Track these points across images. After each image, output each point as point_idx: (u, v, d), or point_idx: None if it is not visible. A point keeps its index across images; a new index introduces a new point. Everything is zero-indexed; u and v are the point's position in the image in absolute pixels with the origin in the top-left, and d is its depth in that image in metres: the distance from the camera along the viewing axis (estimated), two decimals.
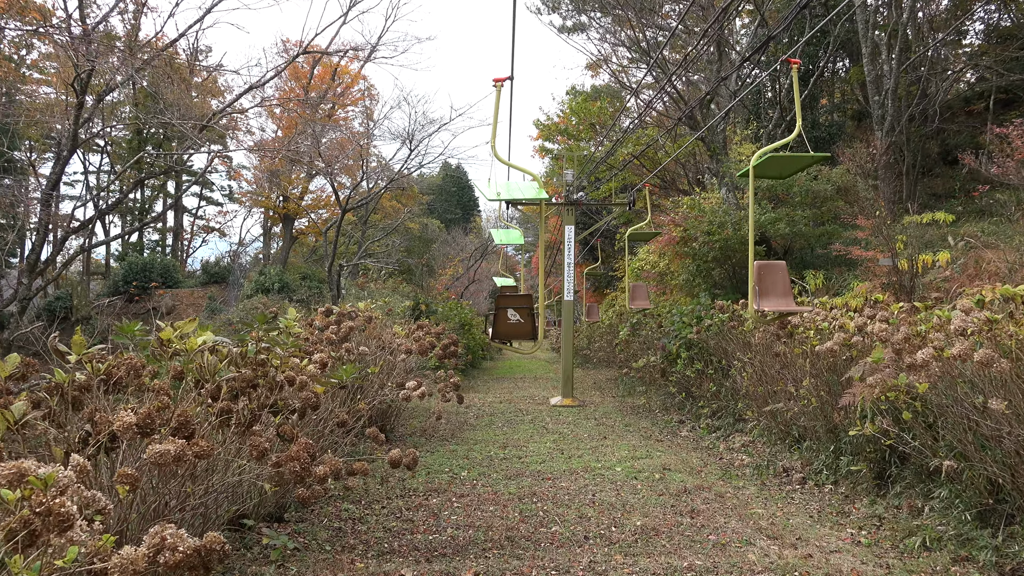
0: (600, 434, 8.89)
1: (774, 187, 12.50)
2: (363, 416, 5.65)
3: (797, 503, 5.73)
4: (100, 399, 3.15)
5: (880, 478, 5.80)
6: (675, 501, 5.63)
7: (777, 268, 7.08)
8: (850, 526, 5.09)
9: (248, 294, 21.54)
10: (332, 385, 4.44)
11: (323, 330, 6.87)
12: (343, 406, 5.80)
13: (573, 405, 11.61)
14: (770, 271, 7.06)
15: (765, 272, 7.03)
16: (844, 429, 6.14)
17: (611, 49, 23.20)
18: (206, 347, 3.09)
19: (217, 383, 3.44)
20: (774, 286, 6.99)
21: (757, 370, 7.84)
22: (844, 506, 5.57)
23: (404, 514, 5.28)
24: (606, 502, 5.59)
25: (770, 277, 7.04)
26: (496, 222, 47.31)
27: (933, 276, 8.75)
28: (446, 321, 15.48)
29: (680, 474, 6.57)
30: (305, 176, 30.48)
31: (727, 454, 7.72)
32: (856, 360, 6.14)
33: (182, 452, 2.51)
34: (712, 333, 9.37)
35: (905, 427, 5.14)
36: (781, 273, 7.05)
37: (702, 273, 12.75)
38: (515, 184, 14.88)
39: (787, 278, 7.03)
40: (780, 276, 7.04)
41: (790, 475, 6.62)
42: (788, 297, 7.01)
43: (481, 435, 8.78)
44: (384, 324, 8.68)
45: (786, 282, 6.99)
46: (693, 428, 9.36)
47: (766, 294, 6.97)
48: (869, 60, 15.43)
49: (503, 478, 6.40)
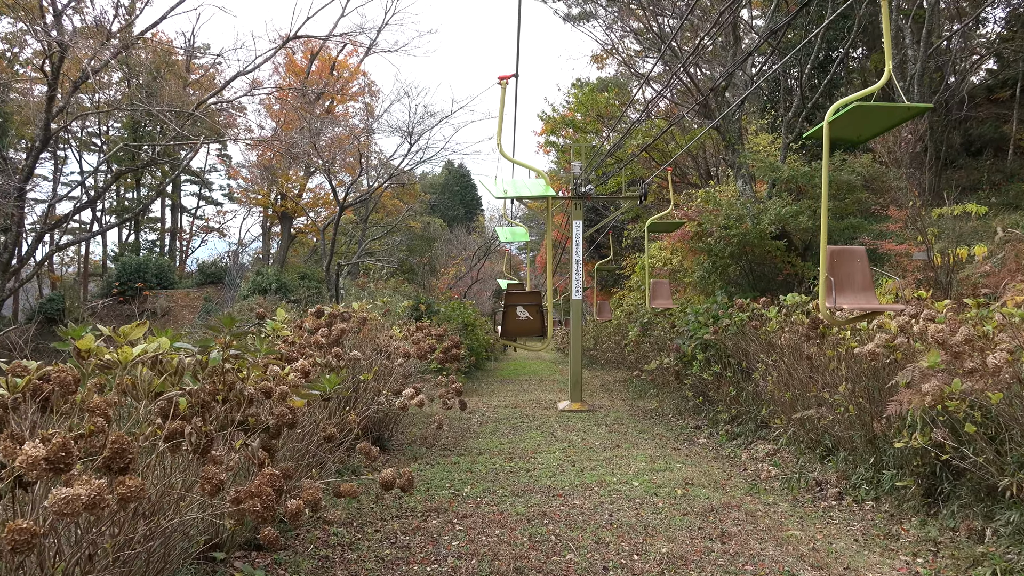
0: (613, 442, 8.31)
1: (795, 178, 11.88)
2: (355, 428, 5.08)
3: (837, 523, 5.14)
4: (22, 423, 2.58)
5: (929, 495, 5.21)
6: (702, 522, 5.05)
7: (855, 255, 5.77)
8: (903, 552, 4.50)
9: (244, 295, 20.99)
10: (313, 397, 3.86)
11: (313, 332, 6.30)
12: (332, 417, 5.23)
13: (582, 410, 11.03)
14: (846, 259, 5.73)
15: (839, 260, 5.70)
16: (887, 440, 5.56)
17: (618, 39, 22.64)
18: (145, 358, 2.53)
19: (172, 400, 2.87)
20: (851, 277, 5.64)
21: (783, 374, 7.25)
22: (891, 527, 4.98)
23: (400, 539, 4.71)
24: (625, 524, 5.00)
25: (845, 266, 5.69)
26: (500, 220, 46.76)
27: (970, 271, 8.16)
28: (448, 322, 14.93)
29: (704, 489, 5.99)
30: (304, 174, 29.94)
31: (751, 464, 7.13)
32: (900, 364, 5.56)
33: (97, 497, 1.93)
34: (731, 333, 8.78)
35: (964, 440, 4.56)
36: (860, 261, 5.73)
37: (718, 270, 12.15)
38: (521, 181, 14.52)
39: (868, 268, 5.70)
40: (859, 265, 5.72)
41: (824, 489, 6.03)
42: (870, 291, 5.66)
43: (485, 444, 8.21)
44: (381, 326, 8.12)
45: (866, 273, 5.67)
46: (711, 435, 8.78)
47: (841, 288, 5.62)
48: (892, 44, 14.69)
49: (510, 495, 5.83)
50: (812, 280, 10.99)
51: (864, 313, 5.42)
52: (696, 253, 12.81)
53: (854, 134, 5.65)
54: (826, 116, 5.06)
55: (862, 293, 5.63)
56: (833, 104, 5.13)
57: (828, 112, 5.07)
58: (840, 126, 5.34)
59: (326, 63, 29.16)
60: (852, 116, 5.16)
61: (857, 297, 5.60)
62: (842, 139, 5.68)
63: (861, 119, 5.29)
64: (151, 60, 22.28)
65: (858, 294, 5.61)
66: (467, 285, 40.34)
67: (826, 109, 5.40)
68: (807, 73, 15.56)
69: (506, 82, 9.71)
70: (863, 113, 5.12)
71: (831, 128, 5.25)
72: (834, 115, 5.15)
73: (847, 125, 5.40)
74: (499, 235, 23.10)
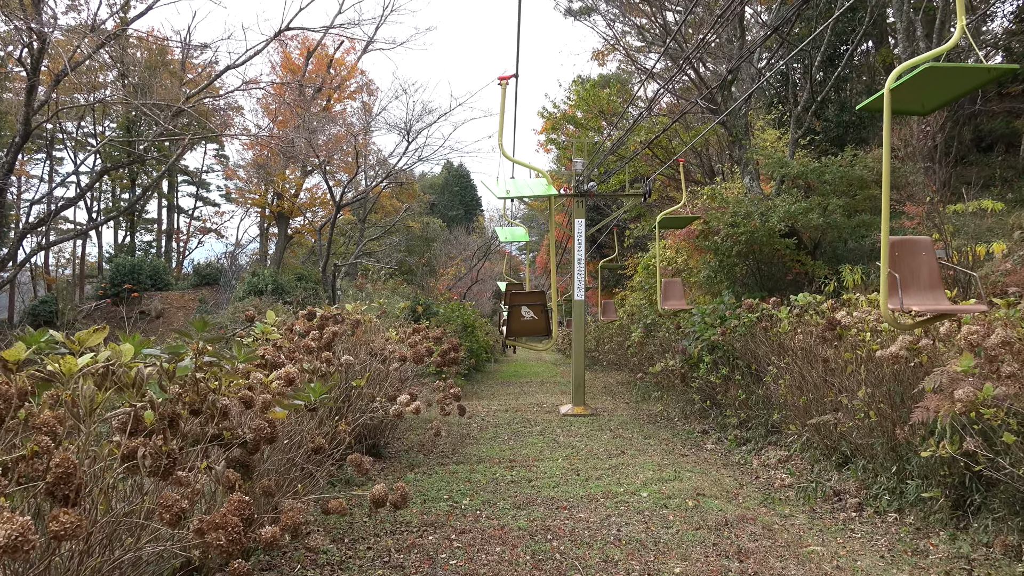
0: (618, 448, 8.00)
1: (804, 174, 11.52)
2: (347, 437, 4.76)
3: (860, 537, 4.82)
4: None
5: (958, 507, 4.90)
6: (716, 537, 4.73)
7: (919, 247, 4.82)
8: (934, 570, 4.19)
9: (240, 296, 20.65)
10: (296, 407, 3.55)
11: (304, 336, 5.98)
12: (322, 426, 4.91)
13: (585, 414, 10.71)
14: (910, 251, 4.76)
15: (903, 252, 4.73)
16: (911, 448, 5.25)
17: (620, 34, 22.32)
18: (92, 370, 2.22)
19: (134, 415, 2.55)
20: (916, 273, 4.70)
21: (796, 377, 6.94)
22: (918, 542, 4.67)
23: (393, 557, 4.40)
24: (634, 539, 4.68)
25: (910, 260, 4.73)
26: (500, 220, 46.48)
27: (990, 269, 7.85)
28: (447, 323, 14.61)
29: (716, 500, 5.67)
30: (300, 174, 29.60)
31: (763, 472, 6.81)
32: (926, 368, 5.25)
33: (18, 539, 1.62)
34: (739, 335, 8.46)
35: (999, 450, 4.24)
36: (926, 254, 4.77)
37: (724, 269, 11.80)
38: (523, 181, 14.32)
39: (935, 261, 4.72)
40: (925, 259, 4.76)
41: (843, 500, 5.72)
42: (938, 289, 4.70)
43: (485, 450, 7.89)
44: (377, 328, 7.79)
45: (933, 267, 4.69)
46: (720, 439, 8.47)
47: (906, 285, 4.68)
48: (904, 37, 14.45)
49: (511, 507, 5.51)
50: (822, 280, 10.67)
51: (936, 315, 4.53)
52: (702, 252, 12.47)
53: (917, 103, 4.64)
54: (887, 82, 4.24)
55: (929, 291, 4.69)
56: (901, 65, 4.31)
57: (890, 77, 4.25)
58: (904, 93, 4.35)
59: (323, 61, 28.85)
60: (919, 81, 4.21)
61: (924, 296, 4.66)
62: (903, 110, 4.69)
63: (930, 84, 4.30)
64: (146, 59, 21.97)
65: (924, 292, 4.66)
66: (467, 286, 39.98)
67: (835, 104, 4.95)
68: (815, 66, 15.25)
69: (506, 83, 9.72)
70: (934, 76, 4.17)
71: (892, 96, 4.30)
72: (897, 80, 4.22)
73: (912, 92, 4.40)
74: (498, 235, 22.83)
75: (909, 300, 4.60)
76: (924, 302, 4.59)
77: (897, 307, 4.49)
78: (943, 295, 4.71)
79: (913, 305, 4.50)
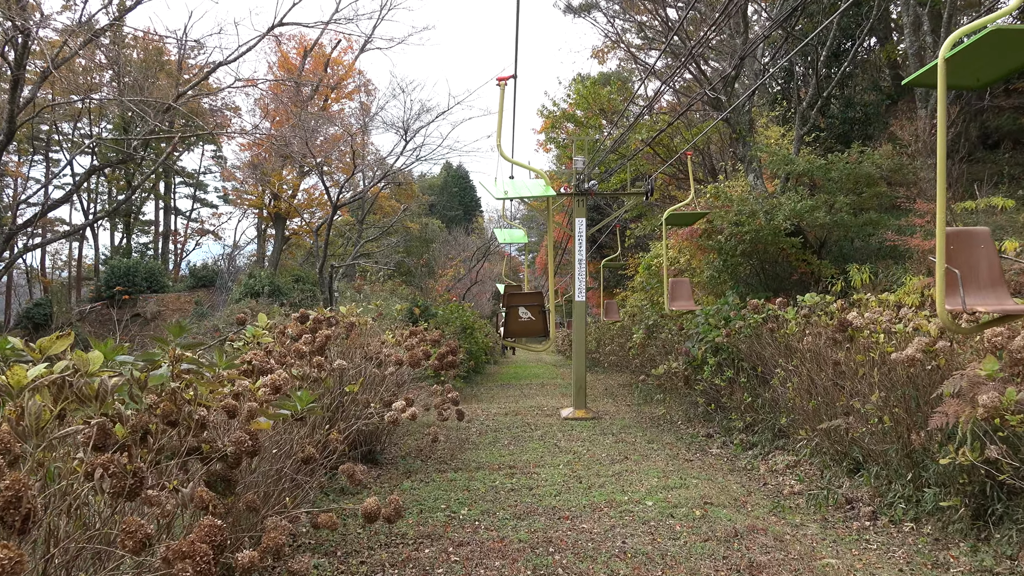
0: (621, 453, 7.78)
1: (810, 171, 11.30)
2: (339, 446, 4.54)
3: (875, 549, 4.61)
4: None
5: (978, 517, 4.69)
6: (726, 550, 4.52)
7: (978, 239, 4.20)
8: None
9: (236, 298, 20.42)
10: (281, 417, 3.34)
11: (296, 339, 5.77)
12: (313, 434, 4.69)
13: (587, 418, 10.50)
14: (966, 244, 4.15)
15: (958, 245, 4.12)
16: (927, 454, 5.04)
17: (621, 32, 22.11)
18: (45, 382, 2.01)
19: (103, 428, 2.34)
20: (975, 269, 4.09)
21: (805, 380, 6.73)
22: (937, 553, 4.46)
23: (388, 572, 4.18)
24: (640, 552, 4.47)
25: (966, 254, 4.12)
26: (499, 221, 46.27)
27: (1004, 267, 7.62)
28: (446, 325, 14.40)
29: (724, 509, 5.45)
30: (297, 175, 29.37)
31: (771, 478, 6.61)
32: (944, 371, 5.03)
33: None
34: (744, 336, 8.25)
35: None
36: (985, 248, 4.15)
37: (728, 269, 11.58)
38: (521, 182, 14.20)
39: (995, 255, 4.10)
40: (984, 253, 4.14)
41: (856, 508, 5.50)
42: (1000, 287, 4.08)
43: (484, 456, 7.67)
44: (373, 331, 7.58)
45: (993, 262, 4.08)
46: (725, 444, 8.26)
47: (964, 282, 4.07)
48: (912, 31, 14.21)
49: (511, 517, 5.29)
50: (829, 279, 10.45)
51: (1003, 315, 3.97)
52: (705, 251, 12.25)
53: (972, 77, 3.99)
54: (941, 51, 3.64)
55: (990, 290, 4.08)
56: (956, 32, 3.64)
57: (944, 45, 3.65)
58: (960, 64, 3.72)
59: (320, 60, 28.65)
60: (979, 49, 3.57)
61: (984, 295, 4.05)
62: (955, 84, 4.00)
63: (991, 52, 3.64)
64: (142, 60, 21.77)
65: (985, 291, 4.05)
66: (466, 287, 39.74)
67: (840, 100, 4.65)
68: (820, 62, 15.02)
69: (505, 83, 9.75)
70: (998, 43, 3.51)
71: (948, 64, 3.67)
72: (953, 48, 3.62)
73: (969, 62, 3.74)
74: (497, 236, 22.66)
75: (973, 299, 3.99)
76: (987, 302, 3.98)
77: (957, 308, 3.88)
78: (1006, 293, 4.09)
79: (977, 305, 3.91)
